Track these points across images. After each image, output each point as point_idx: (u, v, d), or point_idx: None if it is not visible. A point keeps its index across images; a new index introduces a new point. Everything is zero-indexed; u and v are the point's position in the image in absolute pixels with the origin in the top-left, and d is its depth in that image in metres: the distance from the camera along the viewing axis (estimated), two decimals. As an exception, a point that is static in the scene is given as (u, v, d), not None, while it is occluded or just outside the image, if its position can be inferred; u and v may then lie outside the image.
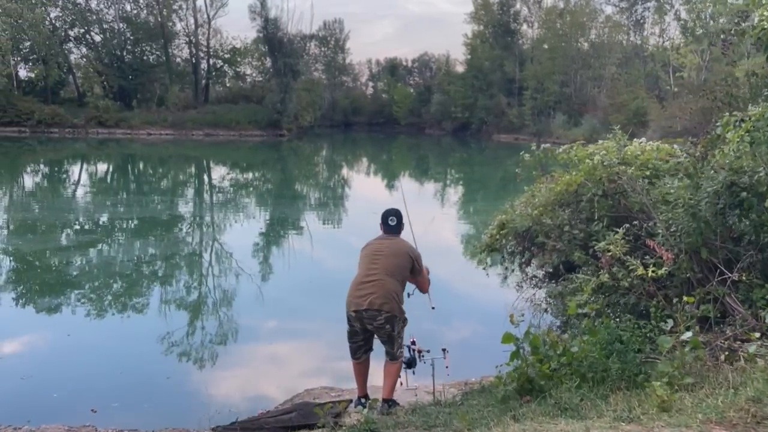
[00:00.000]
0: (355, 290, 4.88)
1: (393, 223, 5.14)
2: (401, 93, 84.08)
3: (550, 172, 6.81)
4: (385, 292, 4.76)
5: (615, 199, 5.64)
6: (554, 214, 5.77)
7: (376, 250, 5.01)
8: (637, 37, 65.78)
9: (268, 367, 7.20)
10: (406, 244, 5.10)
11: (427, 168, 40.89)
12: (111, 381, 6.38)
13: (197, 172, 33.31)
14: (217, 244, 14.36)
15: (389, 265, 4.88)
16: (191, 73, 62.68)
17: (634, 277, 4.74)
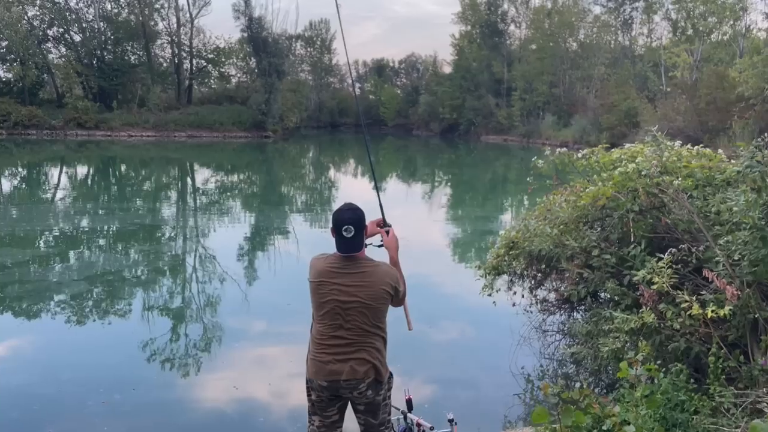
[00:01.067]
0: (321, 353, 3.39)
1: (349, 234, 3.32)
2: (388, 94, 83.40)
3: (569, 181, 5.89)
4: (368, 354, 3.39)
5: (654, 217, 4.72)
6: (579, 233, 4.80)
7: (338, 290, 3.34)
8: (625, 37, 65.41)
9: (255, 369, 6.97)
10: (380, 272, 3.41)
11: (415, 169, 40.25)
12: (93, 389, 6.10)
13: (180, 174, 32.47)
14: (202, 248, 13.90)
15: (365, 318, 3.36)
16: (173, 74, 61.38)
17: (685, 317, 3.85)
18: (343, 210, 3.43)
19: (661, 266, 4.01)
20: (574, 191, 5.31)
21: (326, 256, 3.49)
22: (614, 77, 52.21)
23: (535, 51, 63.68)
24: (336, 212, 3.42)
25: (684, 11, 49.82)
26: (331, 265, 3.41)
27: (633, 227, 4.46)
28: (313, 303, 3.47)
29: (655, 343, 4.06)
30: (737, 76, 33.03)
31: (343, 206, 3.46)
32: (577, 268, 4.67)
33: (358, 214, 3.42)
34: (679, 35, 49.93)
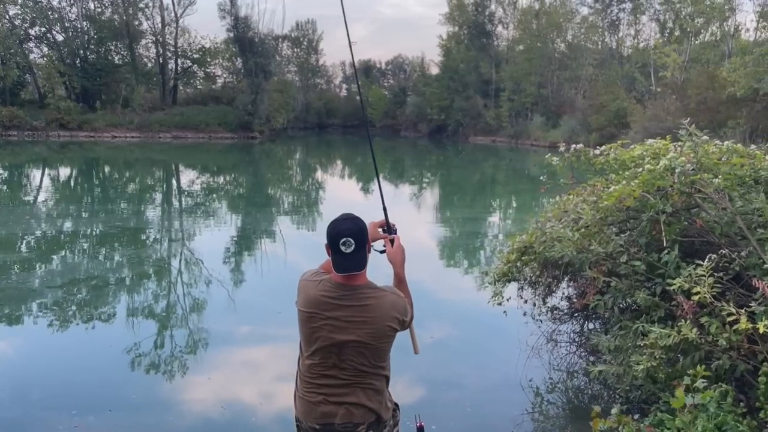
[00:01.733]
0: (311, 392, 2.85)
1: (349, 249, 2.72)
2: (376, 95, 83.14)
3: (586, 180, 5.44)
4: (366, 397, 2.83)
5: (687, 219, 4.29)
6: (602, 237, 4.35)
7: (332, 325, 2.75)
8: (612, 38, 65.51)
9: (242, 371, 6.71)
10: (385, 304, 2.80)
11: (403, 170, 39.97)
12: (65, 411, 5.68)
13: (165, 176, 31.92)
14: (187, 250, 13.49)
15: (363, 359, 2.79)
16: (158, 74, 60.60)
17: (730, 332, 3.43)
18: (340, 220, 2.82)
19: (700, 274, 3.58)
20: (594, 191, 4.88)
21: (319, 280, 2.87)
22: (603, 78, 52.18)
23: (523, 52, 63.60)
24: (331, 224, 2.83)
25: (672, 12, 49.85)
26: (326, 294, 2.79)
27: (665, 230, 4.02)
28: (302, 335, 2.88)
29: (694, 360, 3.63)
30: (728, 76, 32.95)
31: (339, 217, 2.87)
32: (603, 276, 4.23)
33: (359, 225, 2.80)
34: (667, 36, 49.94)
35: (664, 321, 3.96)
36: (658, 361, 3.64)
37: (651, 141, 4.95)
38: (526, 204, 23.91)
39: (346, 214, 2.87)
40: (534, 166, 41.74)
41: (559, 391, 6.02)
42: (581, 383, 6.13)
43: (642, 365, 3.61)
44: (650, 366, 3.61)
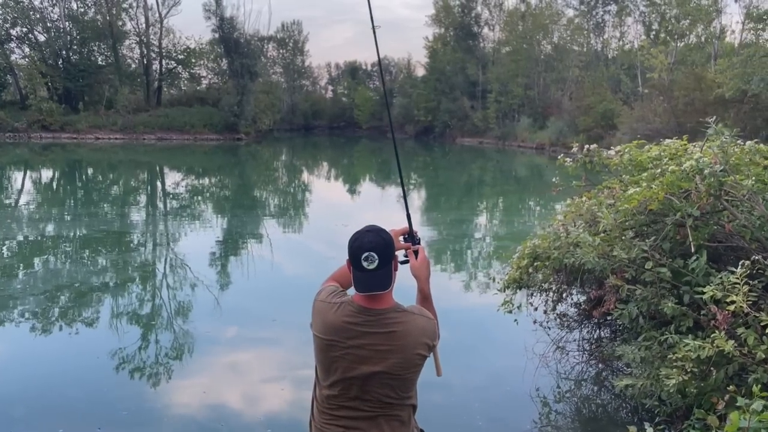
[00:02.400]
0: (329, 424, 2.54)
1: (372, 265, 2.37)
2: (362, 96, 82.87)
3: (601, 182, 5.21)
4: (391, 429, 2.50)
5: (715, 223, 4.07)
6: (624, 243, 4.11)
7: (354, 355, 2.42)
8: (597, 40, 65.81)
9: (228, 375, 6.57)
10: (414, 330, 2.47)
11: (390, 172, 39.74)
12: (59, 401, 5.73)
13: (149, 178, 31.48)
14: (173, 253, 13.25)
15: (389, 390, 2.47)
16: (142, 75, 59.90)
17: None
18: (362, 232, 2.47)
19: (734, 281, 3.35)
20: (612, 194, 4.65)
21: (339, 302, 2.50)
22: (589, 79, 52.30)
23: (509, 53, 63.60)
24: (353, 237, 2.48)
25: (657, 14, 50.09)
26: (347, 320, 2.44)
27: (692, 235, 3.79)
28: (319, 363, 2.56)
29: (728, 373, 3.41)
30: (715, 77, 33.05)
31: (362, 228, 2.51)
32: (627, 284, 4.00)
33: (384, 239, 2.45)
34: (652, 38, 50.16)
35: (692, 332, 3.74)
36: (690, 375, 3.41)
37: (668, 141, 4.73)
38: (513, 205, 23.81)
39: (369, 225, 2.53)
40: (521, 167, 41.88)
41: (568, 401, 5.80)
42: (590, 392, 5.92)
43: (673, 379, 3.38)
44: (682, 380, 3.37)
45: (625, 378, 3.97)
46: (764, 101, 30.20)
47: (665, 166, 4.21)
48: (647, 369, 3.83)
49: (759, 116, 29.66)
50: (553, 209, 23.91)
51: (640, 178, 4.34)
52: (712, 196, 3.90)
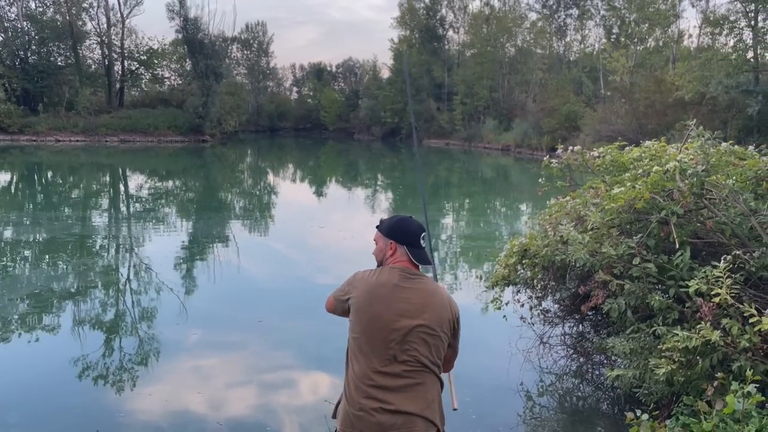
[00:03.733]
0: (365, 398, 2.60)
1: (425, 243, 2.85)
2: (329, 98, 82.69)
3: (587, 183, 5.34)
4: (427, 403, 2.62)
5: (697, 220, 4.21)
6: (613, 240, 4.23)
7: (396, 308, 2.62)
8: (559, 43, 66.95)
9: (193, 381, 6.43)
10: (444, 295, 2.79)
11: (357, 174, 39.78)
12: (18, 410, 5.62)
13: (112, 181, 30.83)
14: (136, 257, 12.93)
15: (427, 349, 2.64)
16: (104, 76, 58.77)
17: (752, 333, 3.35)
18: (408, 219, 2.93)
19: (717, 275, 3.49)
20: (598, 193, 4.78)
21: (378, 270, 2.87)
22: (553, 82, 53.14)
23: (474, 56, 64.25)
24: (403, 224, 2.91)
25: (618, 18, 51.18)
26: (389, 279, 2.75)
27: (676, 232, 3.93)
28: (356, 328, 2.72)
29: (713, 362, 3.54)
30: (675, 80, 33.93)
31: (402, 217, 2.96)
32: (615, 279, 4.11)
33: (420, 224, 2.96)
34: (613, 41, 51.23)
35: (677, 324, 3.87)
36: (677, 364, 3.53)
37: (648, 143, 4.89)
38: (479, 206, 24.03)
39: (400, 215, 2.97)
40: (487, 168, 42.30)
41: (551, 394, 5.92)
42: (572, 386, 6.05)
43: (663, 369, 3.50)
44: (670, 369, 3.50)
45: (616, 369, 4.08)
46: (721, 103, 31.15)
47: (646, 166, 4.35)
48: (636, 360, 3.95)
49: (717, 118, 30.53)
50: (519, 209, 24.29)
51: (622, 179, 4.47)
52: (694, 195, 4.05)
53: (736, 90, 30.15)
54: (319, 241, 14.74)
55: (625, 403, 5.04)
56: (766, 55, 32.58)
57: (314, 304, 9.18)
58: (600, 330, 5.51)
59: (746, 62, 31.37)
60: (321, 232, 15.95)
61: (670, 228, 3.97)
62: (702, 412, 3.20)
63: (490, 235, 15.44)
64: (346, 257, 12.73)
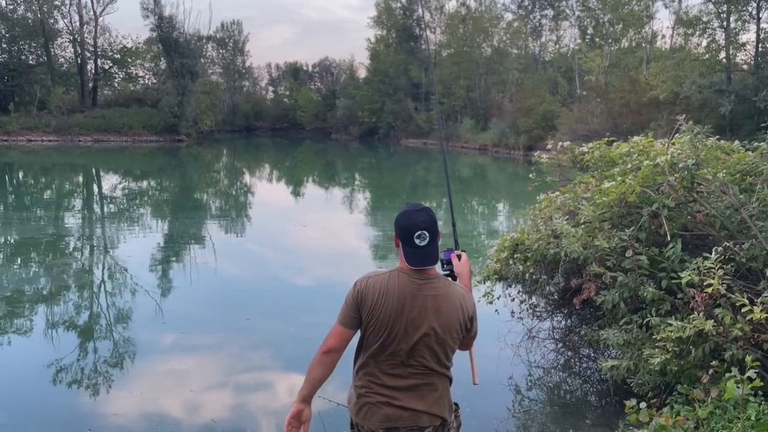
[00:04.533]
0: (374, 393, 2.69)
1: (423, 242, 2.57)
2: (305, 97, 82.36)
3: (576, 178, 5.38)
4: (434, 401, 2.69)
5: (688, 213, 4.26)
6: (606, 233, 4.25)
7: (406, 318, 2.59)
8: (535, 44, 67.54)
9: (169, 383, 6.38)
10: (456, 295, 2.69)
11: (334, 173, 39.71)
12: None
13: (86, 181, 30.40)
14: (111, 259, 12.70)
15: (433, 355, 2.66)
16: (76, 75, 57.85)
17: (743, 323, 3.40)
18: (413, 211, 2.66)
19: (709, 266, 3.53)
20: (588, 188, 4.82)
21: (385, 273, 2.69)
22: (529, 82, 53.58)
23: (451, 56, 64.51)
24: (403, 215, 2.67)
25: (592, 18, 51.79)
26: (396, 285, 2.62)
27: (667, 225, 3.98)
28: (368, 329, 2.68)
29: (705, 351, 3.58)
30: (650, 79, 34.43)
31: (410, 207, 2.70)
32: (609, 271, 4.15)
33: (432, 217, 2.65)
34: (588, 42, 51.84)
35: (669, 315, 3.91)
36: (671, 354, 3.57)
37: (636, 138, 4.95)
38: (456, 205, 24.04)
39: (415, 204, 2.73)
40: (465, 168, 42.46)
41: (540, 387, 5.98)
42: (560, 379, 6.10)
43: (657, 358, 3.53)
44: (664, 359, 3.53)
45: (611, 360, 4.11)
46: (695, 103, 31.67)
47: (635, 161, 4.40)
48: (630, 351, 3.99)
49: (690, 117, 30.80)
50: (496, 208, 24.43)
51: (612, 173, 4.51)
52: (684, 189, 4.10)
53: (709, 90, 30.69)
54: (296, 241, 14.65)
55: (613, 395, 5.09)
56: (738, 55, 33.20)
57: (292, 304, 9.18)
58: (587, 324, 5.56)
59: (719, 63, 31.95)
60: (298, 232, 15.86)
61: (661, 221, 4.02)
62: (696, 400, 3.23)
63: (468, 234, 15.49)
64: (324, 257, 12.69)
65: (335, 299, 5.32)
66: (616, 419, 4.82)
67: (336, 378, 2.98)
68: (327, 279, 10.83)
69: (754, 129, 26.21)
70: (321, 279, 10.87)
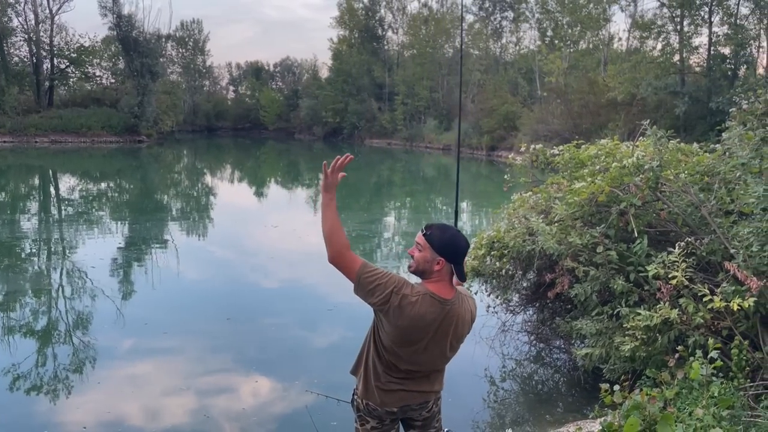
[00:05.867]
0: (389, 382, 2.94)
1: (462, 261, 2.91)
2: (268, 97, 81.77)
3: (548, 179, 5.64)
4: (439, 381, 3.08)
5: (655, 211, 4.56)
6: (578, 230, 4.53)
7: (432, 339, 2.82)
8: (496, 45, 68.43)
9: (129, 389, 6.32)
10: (468, 308, 2.95)
11: (298, 174, 39.61)
12: None
13: (42, 183, 29.65)
14: (69, 263, 12.48)
15: (443, 359, 2.97)
16: (32, 74, 56.37)
17: (705, 311, 3.69)
18: (458, 234, 2.89)
19: (673, 260, 3.83)
20: (560, 188, 5.09)
21: (418, 296, 2.78)
22: (491, 83, 54.30)
23: (414, 57, 64.95)
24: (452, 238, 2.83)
25: (551, 21, 52.80)
26: (433, 317, 2.79)
27: (634, 222, 4.27)
28: (391, 341, 2.86)
29: (670, 338, 3.87)
30: (608, 81, 35.32)
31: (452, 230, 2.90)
32: (582, 266, 4.42)
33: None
34: (548, 43, 52.82)
35: (637, 305, 4.19)
36: (639, 341, 3.85)
37: (603, 141, 5.23)
38: (421, 205, 24.36)
39: (450, 226, 2.95)
40: (429, 168, 42.88)
41: (513, 378, 6.24)
42: (532, 370, 6.39)
43: (627, 345, 3.80)
44: (634, 346, 3.81)
45: (584, 348, 4.37)
46: (650, 104, 32.64)
47: (603, 162, 4.68)
48: (602, 339, 4.26)
49: (646, 118, 31.83)
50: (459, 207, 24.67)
51: (582, 174, 4.78)
52: (649, 188, 4.39)
53: (664, 91, 31.66)
54: (258, 243, 14.64)
55: (584, 383, 5.37)
56: (691, 58, 34.30)
57: (253, 305, 9.22)
58: (558, 317, 5.84)
59: (673, 65, 32.95)
60: (261, 233, 15.86)
61: (629, 218, 4.30)
62: (663, 383, 3.51)
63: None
64: (284, 257, 12.74)
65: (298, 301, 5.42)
66: (586, 406, 5.11)
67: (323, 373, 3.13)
68: (291, 281, 10.90)
69: (707, 129, 27.20)
70: (284, 281, 10.95)
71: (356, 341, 6.89)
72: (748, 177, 4.01)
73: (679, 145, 5.11)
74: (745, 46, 32.10)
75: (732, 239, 4.02)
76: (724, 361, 3.48)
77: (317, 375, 6.24)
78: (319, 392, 5.06)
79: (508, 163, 5.73)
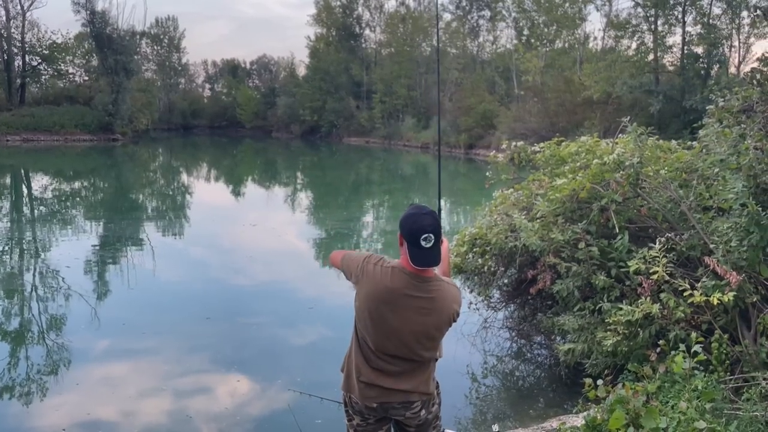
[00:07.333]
0: (367, 375, 2.89)
1: (429, 244, 2.67)
2: (245, 95, 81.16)
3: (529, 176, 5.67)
4: (419, 380, 2.92)
5: (634, 207, 4.60)
6: (560, 227, 4.55)
7: (401, 317, 2.74)
8: (473, 44, 68.71)
9: (105, 390, 6.25)
10: (448, 295, 2.84)
11: (276, 172, 39.41)
12: None
13: (14, 182, 29.11)
14: (42, 263, 12.26)
15: (422, 349, 2.84)
16: (3, 71, 55.31)
17: (685, 306, 3.73)
18: (420, 214, 2.73)
19: (654, 255, 3.86)
20: (541, 185, 5.11)
21: (390, 268, 2.79)
22: (468, 81, 54.51)
23: (392, 55, 64.96)
24: (410, 217, 2.73)
25: (528, 20, 53.18)
26: (397, 285, 2.74)
27: (615, 218, 4.30)
28: (362, 321, 2.86)
29: (651, 333, 3.91)
30: (584, 80, 35.67)
31: (415, 210, 2.76)
32: (564, 262, 4.44)
33: (437, 220, 2.76)
34: (524, 42, 53.19)
35: (619, 300, 4.22)
36: (621, 336, 3.88)
37: (583, 138, 5.27)
38: (399, 203, 24.38)
39: (420, 206, 2.81)
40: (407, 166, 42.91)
41: (495, 375, 6.27)
42: (513, 366, 6.42)
43: (609, 340, 3.83)
44: (616, 341, 3.83)
45: (567, 344, 4.39)
46: (626, 102, 33.04)
47: (584, 159, 4.71)
48: (584, 334, 4.28)
49: (622, 116, 32.26)
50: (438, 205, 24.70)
51: (563, 171, 4.81)
52: (630, 185, 4.43)
53: (639, 90, 32.07)
54: (235, 241, 14.53)
55: (565, 379, 5.41)
56: (665, 57, 34.77)
57: (232, 305, 9.15)
58: (540, 313, 5.87)
59: (647, 64, 33.39)
60: (238, 232, 15.74)
61: (610, 215, 4.34)
62: (645, 377, 3.54)
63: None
64: (263, 256, 12.65)
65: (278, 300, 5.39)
66: (567, 401, 5.14)
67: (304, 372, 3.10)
68: (270, 280, 10.84)
69: (681, 127, 27.60)
70: (263, 280, 10.88)
71: (336, 340, 6.93)
72: (726, 173, 4.07)
73: (658, 142, 5.16)
74: (718, 46, 32.64)
75: (711, 235, 4.08)
76: (705, 355, 3.52)
77: (299, 374, 6.22)
78: (301, 391, 5.02)
79: (489, 161, 5.72)
